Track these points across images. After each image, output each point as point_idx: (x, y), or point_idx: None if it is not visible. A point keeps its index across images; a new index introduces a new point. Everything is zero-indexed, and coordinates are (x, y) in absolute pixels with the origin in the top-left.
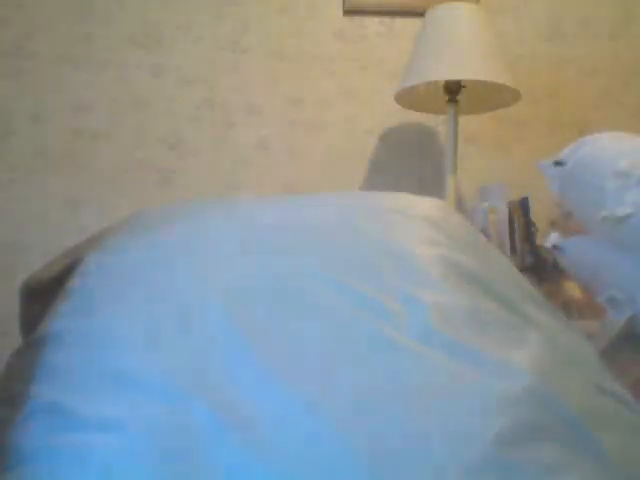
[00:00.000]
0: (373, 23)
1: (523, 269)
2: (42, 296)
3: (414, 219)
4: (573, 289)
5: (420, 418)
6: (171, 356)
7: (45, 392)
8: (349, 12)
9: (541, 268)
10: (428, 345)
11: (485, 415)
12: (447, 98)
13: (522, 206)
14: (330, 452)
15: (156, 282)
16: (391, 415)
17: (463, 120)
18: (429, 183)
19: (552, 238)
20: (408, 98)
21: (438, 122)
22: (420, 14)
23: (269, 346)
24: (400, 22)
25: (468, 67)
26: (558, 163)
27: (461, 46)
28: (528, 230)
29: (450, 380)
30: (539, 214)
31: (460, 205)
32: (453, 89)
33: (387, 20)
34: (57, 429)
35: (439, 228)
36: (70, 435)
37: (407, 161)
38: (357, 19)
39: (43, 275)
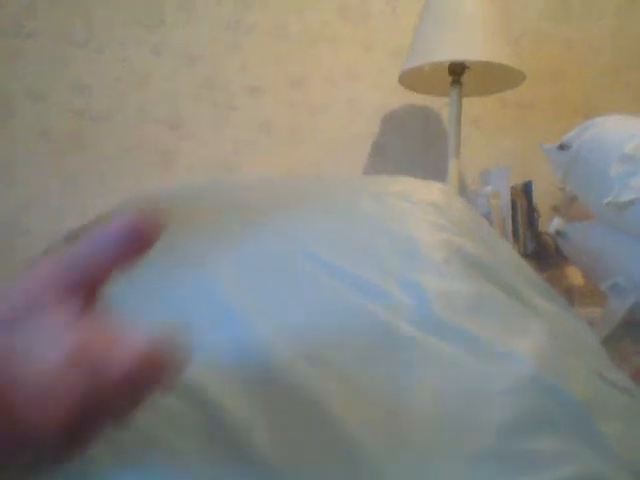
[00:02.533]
0: (377, 1)
1: (525, 255)
2: None
3: (417, 204)
4: (575, 276)
5: (420, 406)
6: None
7: None
8: None
9: (543, 254)
10: (429, 331)
11: (488, 404)
12: (451, 80)
13: (525, 191)
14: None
15: (158, 269)
16: (393, 405)
17: (466, 102)
18: (432, 166)
19: (555, 224)
20: (412, 79)
21: (441, 104)
22: None
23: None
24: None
25: (472, 47)
26: (563, 146)
27: (465, 25)
28: (531, 215)
29: (451, 368)
30: (542, 199)
31: (463, 189)
32: (457, 70)
33: None
34: None
35: (442, 213)
36: None
37: (410, 144)
38: None
39: None
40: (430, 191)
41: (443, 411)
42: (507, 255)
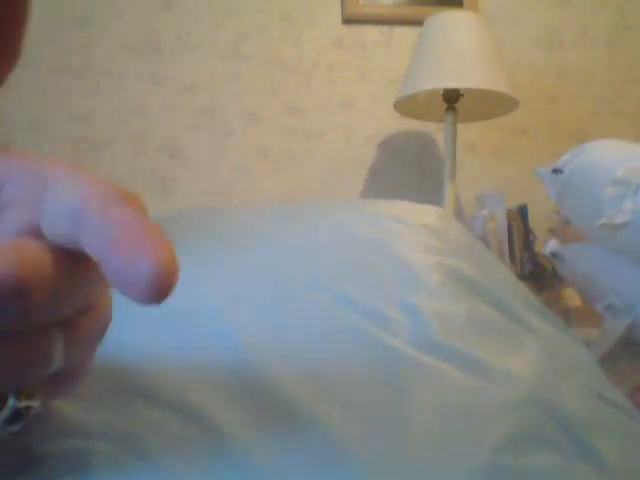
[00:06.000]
0: (372, 32)
1: (522, 277)
2: None
3: (413, 227)
4: (572, 297)
5: (419, 424)
6: (174, 361)
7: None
8: (348, 21)
9: (540, 276)
10: (428, 353)
11: (485, 422)
12: (446, 106)
13: (521, 214)
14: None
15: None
16: (392, 422)
17: (462, 128)
18: (428, 190)
19: (551, 245)
20: (407, 106)
21: (437, 130)
22: (419, 23)
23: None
24: (399, 31)
25: (466, 75)
26: (556, 171)
27: (459, 54)
28: (527, 238)
29: (449, 386)
30: (538, 222)
31: (459, 213)
32: (451, 97)
33: (386, 29)
34: (57, 435)
35: (438, 236)
36: (71, 441)
37: (406, 169)
38: (356, 28)
39: None
40: (426, 214)
41: (441, 428)
42: (503, 277)
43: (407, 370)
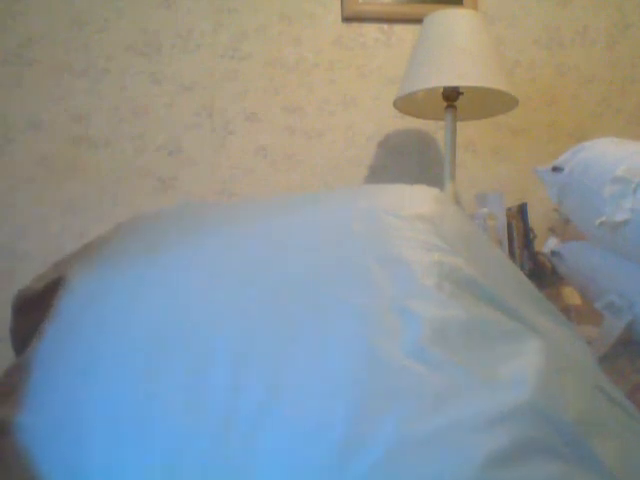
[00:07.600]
0: (372, 30)
1: None
2: (32, 308)
3: (409, 220)
4: (572, 295)
5: (412, 438)
6: (152, 382)
7: (29, 423)
8: (348, 19)
9: (540, 274)
10: (423, 362)
11: (482, 432)
12: (445, 105)
13: (520, 213)
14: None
15: (137, 307)
16: (383, 434)
17: (461, 127)
18: None
19: (550, 244)
20: (407, 105)
21: (437, 128)
22: (418, 21)
23: (266, 371)
24: (398, 29)
25: (466, 74)
26: (556, 169)
27: (459, 53)
28: (527, 237)
29: (445, 398)
30: (538, 220)
31: None
32: (451, 96)
33: (386, 27)
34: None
35: (434, 227)
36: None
37: (406, 167)
38: (356, 26)
39: (33, 288)
40: (422, 201)
41: (436, 441)
42: (504, 269)
43: (401, 380)
